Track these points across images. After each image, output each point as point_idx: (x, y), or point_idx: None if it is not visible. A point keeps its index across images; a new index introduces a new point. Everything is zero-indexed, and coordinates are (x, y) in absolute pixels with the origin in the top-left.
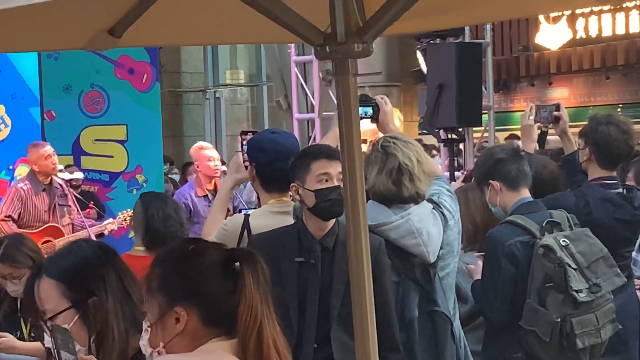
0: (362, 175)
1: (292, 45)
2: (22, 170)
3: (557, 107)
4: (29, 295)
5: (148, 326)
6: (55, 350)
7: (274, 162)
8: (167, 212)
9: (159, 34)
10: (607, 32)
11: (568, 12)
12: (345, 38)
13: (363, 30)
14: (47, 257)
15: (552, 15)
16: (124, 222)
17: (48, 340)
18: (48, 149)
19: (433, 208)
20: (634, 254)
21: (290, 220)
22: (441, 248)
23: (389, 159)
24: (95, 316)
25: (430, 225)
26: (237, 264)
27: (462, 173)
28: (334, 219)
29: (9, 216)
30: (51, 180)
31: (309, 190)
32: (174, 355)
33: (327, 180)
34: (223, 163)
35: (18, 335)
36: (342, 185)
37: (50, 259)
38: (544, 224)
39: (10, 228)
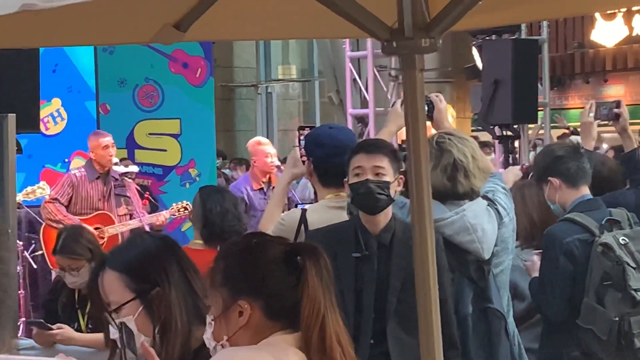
0: (427, 170)
1: (347, 40)
2: (77, 163)
3: (618, 104)
4: (94, 288)
5: (212, 319)
6: (122, 347)
7: (331, 157)
8: (225, 207)
9: (222, 29)
10: None
11: (624, 9)
12: (413, 33)
13: (431, 25)
14: (110, 249)
15: (608, 12)
16: (177, 213)
17: (113, 332)
18: (107, 140)
19: (488, 205)
20: None
21: (347, 216)
22: (496, 245)
23: (444, 155)
24: (159, 307)
25: (485, 222)
26: (300, 258)
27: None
28: (390, 215)
29: (56, 199)
30: (108, 170)
31: (348, 184)
32: (237, 348)
33: (359, 174)
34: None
35: (76, 327)
36: (371, 179)
37: (114, 251)
38: (603, 222)
39: (58, 209)
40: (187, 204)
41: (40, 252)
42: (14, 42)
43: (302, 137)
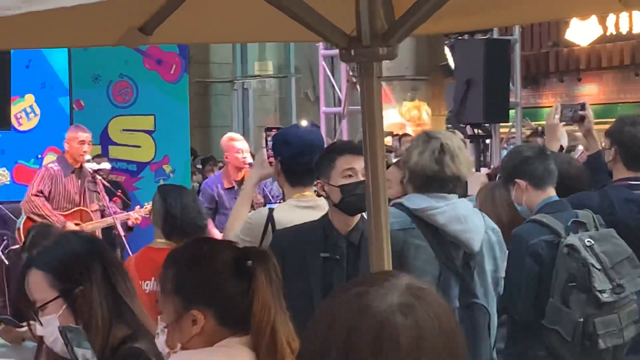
0: (384, 176)
1: None
2: (50, 159)
3: (583, 106)
4: (21, 286)
5: (164, 327)
6: (70, 348)
7: (298, 156)
8: (184, 202)
9: (188, 32)
10: (637, 29)
11: None
12: (371, 41)
13: (388, 33)
14: (36, 250)
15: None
16: (149, 214)
17: (40, 329)
18: (86, 136)
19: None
20: None
21: (315, 215)
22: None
23: (431, 140)
24: (82, 306)
25: (475, 217)
26: (250, 262)
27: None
28: (359, 215)
29: (41, 191)
30: (81, 165)
31: (334, 186)
32: (189, 352)
33: (352, 176)
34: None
35: None
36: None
37: (40, 251)
38: (569, 224)
39: (44, 204)
40: None
41: (16, 247)
42: None
43: (269, 138)
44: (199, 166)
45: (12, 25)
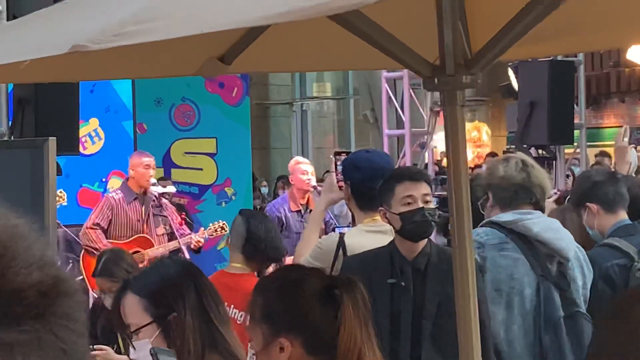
0: (468, 202)
1: None
2: (114, 183)
3: None
4: (116, 309)
5: (253, 354)
6: None
7: (369, 180)
8: (268, 226)
9: (264, 61)
10: None
11: None
12: (454, 70)
13: (472, 62)
14: (134, 274)
15: None
16: (214, 233)
17: (133, 353)
18: (149, 160)
19: None
20: None
21: (385, 240)
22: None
23: (510, 158)
24: (175, 332)
25: (563, 228)
26: (337, 291)
27: (555, 192)
28: (426, 240)
29: (97, 224)
30: (145, 190)
31: (395, 213)
32: None
33: (411, 203)
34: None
35: (115, 349)
36: (425, 207)
37: (137, 276)
38: None
39: (98, 236)
40: (223, 224)
41: (80, 277)
42: (59, 77)
43: (338, 162)
44: (263, 189)
45: (89, 57)
